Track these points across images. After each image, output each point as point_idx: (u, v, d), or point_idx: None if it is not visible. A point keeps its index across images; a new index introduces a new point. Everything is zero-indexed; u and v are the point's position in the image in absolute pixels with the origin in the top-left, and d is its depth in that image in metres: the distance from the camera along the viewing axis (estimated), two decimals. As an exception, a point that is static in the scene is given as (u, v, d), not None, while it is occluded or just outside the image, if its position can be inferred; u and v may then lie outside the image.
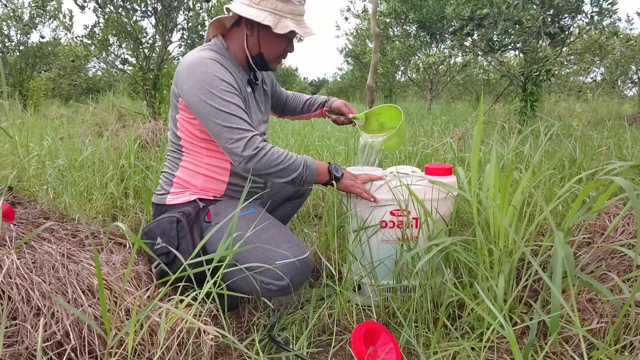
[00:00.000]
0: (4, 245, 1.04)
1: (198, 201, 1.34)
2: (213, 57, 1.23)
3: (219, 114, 1.18)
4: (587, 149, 2.21)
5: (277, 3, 1.23)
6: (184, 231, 1.26)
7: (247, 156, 1.19)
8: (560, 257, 0.90)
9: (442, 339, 1.17)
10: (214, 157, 1.33)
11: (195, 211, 1.32)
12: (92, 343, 0.90)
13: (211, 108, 1.18)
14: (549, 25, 3.91)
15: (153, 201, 1.42)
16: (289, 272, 1.16)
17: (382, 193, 1.33)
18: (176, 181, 1.37)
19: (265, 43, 1.31)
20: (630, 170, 1.02)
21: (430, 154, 2.60)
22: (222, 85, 1.20)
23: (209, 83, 1.19)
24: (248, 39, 1.31)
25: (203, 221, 1.31)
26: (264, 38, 1.30)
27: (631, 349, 0.95)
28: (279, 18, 1.24)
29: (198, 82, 1.19)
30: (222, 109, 1.18)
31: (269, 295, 1.21)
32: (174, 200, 1.35)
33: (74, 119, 4.94)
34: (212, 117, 1.19)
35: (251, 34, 1.30)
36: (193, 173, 1.34)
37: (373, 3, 1.95)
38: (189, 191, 1.36)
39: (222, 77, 1.21)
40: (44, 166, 2.18)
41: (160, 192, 1.40)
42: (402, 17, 5.76)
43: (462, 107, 7.45)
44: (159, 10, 4.51)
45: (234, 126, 1.19)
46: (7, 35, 7.27)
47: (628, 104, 9.08)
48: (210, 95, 1.18)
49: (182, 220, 1.28)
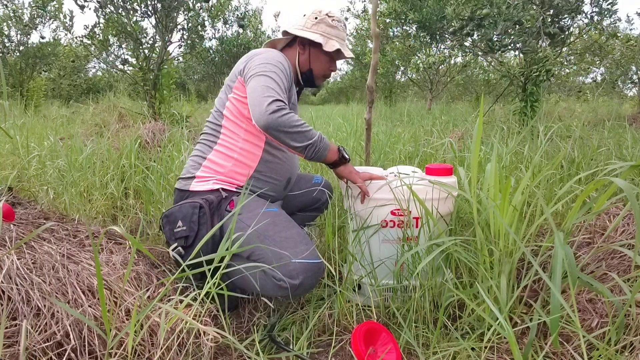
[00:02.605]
0: (4, 246, 1.04)
1: (221, 191, 1.36)
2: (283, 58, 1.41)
3: (263, 78, 1.29)
4: (586, 149, 2.21)
5: (326, 27, 1.46)
6: (205, 217, 1.29)
7: (271, 109, 1.23)
8: (560, 258, 0.90)
9: (442, 339, 1.17)
10: (249, 141, 1.39)
11: (218, 200, 1.34)
12: (92, 343, 0.90)
13: (262, 72, 1.30)
14: (549, 25, 3.91)
15: (176, 187, 1.45)
16: (302, 273, 1.17)
17: (383, 193, 1.33)
18: (205, 164, 1.41)
19: (315, 60, 1.50)
20: (630, 170, 1.02)
21: (430, 153, 2.60)
22: (279, 67, 1.34)
23: (273, 63, 1.34)
24: (300, 57, 1.50)
25: (225, 210, 1.33)
26: (314, 56, 1.50)
27: (631, 349, 0.95)
28: (327, 39, 1.45)
29: (265, 60, 1.34)
30: (270, 75, 1.30)
31: (277, 293, 1.21)
32: (198, 187, 1.38)
33: (74, 119, 4.94)
34: (258, 77, 1.29)
35: (303, 52, 1.50)
36: (225, 156, 1.40)
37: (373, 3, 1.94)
38: (213, 179, 1.38)
39: (282, 67, 1.36)
40: (45, 166, 2.18)
41: (185, 175, 1.44)
42: (402, 17, 5.76)
43: (462, 107, 7.44)
44: (159, 11, 4.51)
45: (270, 87, 1.27)
46: (7, 35, 7.27)
47: (628, 104, 9.08)
48: (267, 65, 1.32)
49: (205, 206, 1.30)
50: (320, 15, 1.48)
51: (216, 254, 1.01)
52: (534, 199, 1.19)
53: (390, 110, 7.56)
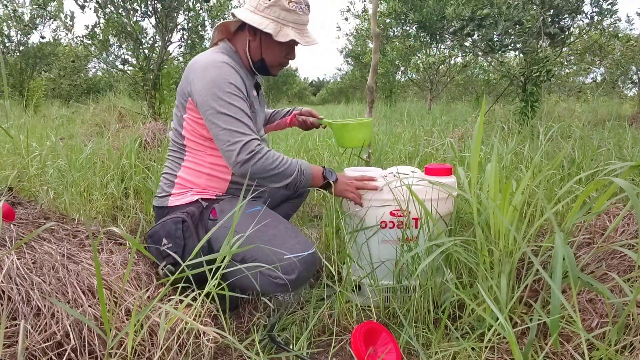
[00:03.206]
0: (4, 246, 1.04)
1: (201, 201, 1.34)
2: (226, 60, 1.27)
3: (221, 117, 1.21)
4: (586, 149, 2.21)
5: (280, 12, 1.27)
6: (189, 231, 1.27)
7: (242, 160, 1.21)
8: (560, 258, 0.90)
9: (442, 339, 1.17)
10: (217, 155, 1.34)
11: (199, 210, 1.33)
12: (92, 343, 0.90)
13: (214, 110, 1.21)
14: (549, 25, 3.91)
15: (154, 204, 1.42)
16: (297, 267, 1.18)
17: (382, 193, 1.33)
18: (178, 182, 1.37)
19: (267, 49, 1.34)
20: (631, 170, 1.02)
21: (430, 153, 2.60)
22: (229, 88, 1.23)
23: (218, 85, 1.22)
24: (250, 44, 1.34)
25: (208, 219, 1.32)
26: (266, 44, 1.33)
27: (631, 349, 0.95)
28: (281, 26, 1.28)
29: (209, 83, 1.22)
30: (225, 112, 1.21)
31: (276, 290, 1.21)
32: (176, 201, 1.35)
33: (74, 119, 4.94)
34: (215, 118, 1.22)
35: (254, 40, 1.34)
36: (196, 172, 1.35)
37: (373, 3, 1.94)
38: (191, 191, 1.36)
39: (232, 80, 1.24)
40: (45, 166, 2.18)
41: (161, 194, 1.40)
42: (402, 18, 5.76)
43: (462, 108, 7.45)
44: (159, 11, 4.51)
45: (232, 129, 1.21)
46: (7, 35, 7.27)
47: (628, 104, 9.07)
48: (216, 98, 1.22)
49: (187, 220, 1.29)
50: None
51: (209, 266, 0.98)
52: (534, 199, 1.19)
53: (390, 110, 7.56)
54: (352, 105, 10.82)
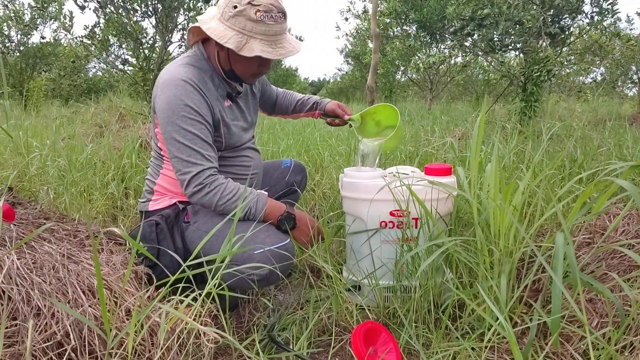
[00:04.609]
0: (4, 246, 1.04)
1: (178, 203, 1.36)
2: (186, 77, 1.19)
3: (174, 143, 1.19)
4: (587, 149, 2.21)
5: (246, 22, 1.14)
6: (163, 233, 1.28)
7: (189, 192, 1.21)
8: (561, 257, 0.90)
9: (442, 339, 1.17)
10: None
11: (175, 213, 1.34)
12: (92, 343, 0.90)
13: (169, 135, 1.19)
14: (550, 25, 3.91)
15: (139, 209, 1.45)
16: (269, 261, 1.16)
17: (382, 193, 1.33)
18: (157, 189, 1.39)
19: (235, 61, 1.25)
20: (631, 170, 1.02)
21: (431, 153, 2.60)
22: (185, 111, 1.17)
23: (174, 109, 1.17)
24: (219, 54, 1.26)
25: (183, 222, 1.32)
26: (233, 56, 1.23)
27: (631, 349, 0.95)
28: (247, 39, 1.15)
29: (165, 105, 1.18)
30: (178, 139, 1.18)
31: (250, 286, 1.20)
32: (156, 205, 1.38)
33: (74, 119, 4.94)
34: (168, 144, 1.20)
35: (221, 49, 1.24)
36: (173, 180, 1.35)
37: (373, 3, 1.94)
38: (168, 196, 1.38)
39: (189, 102, 1.17)
40: (45, 166, 2.18)
41: (143, 199, 1.43)
42: (402, 17, 5.76)
43: (462, 107, 7.45)
44: (159, 11, 4.51)
45: (183, 158, 1.18)
46: (7, 35, 7.27)
47: (628, 104, 9.08)
48: (171, 122, 1.18)
49: (161, 222, 1.29)
50: (241, 5, 1.13)
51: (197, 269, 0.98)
52: (535, 198, 1.19)
53: (390, 110, 7.53)
54: (352, 105, 10.81)
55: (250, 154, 1.46)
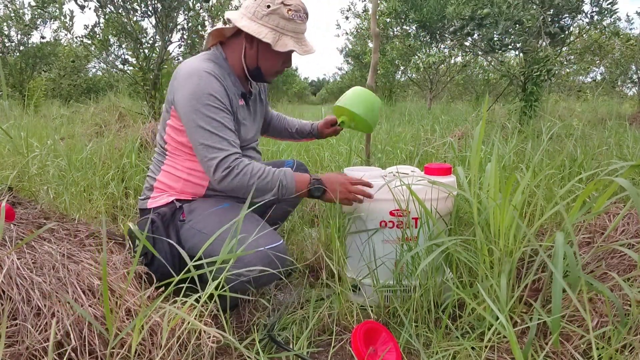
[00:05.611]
0: (4, 246, 1.04)
1: (175, 202, 1.36)
2: (209, 69, 1.24)
3: (200, 131, 1.21)
4: (587, 148, 2.21)
5: (279, 20, 1.24)
6: (158, 231, 1.27)
7: (219, 177, 1.21)
8: (561, 256, 0.90)
9: (443, 339, 1.17)
10: (194, 161, 1.34)
11: (172, 211, 1.34)
12: (92, 343, 0.90)
13: (194, 123, 1.21)
14: (549, 25, 3.91)
15: (138, 207, 1.45)
16: (260, 262, 1.15)
17: (382, 193, 1.33)
18: (157, 185, 1.39)
19: (264, 58, 1.32)
20: (631, 170, 1.02)
21: (431, 153, 2.60)
22: (209, 100, 1.21)
23: (198, 97, 1.20)
24: (247, 52, 1.32)
25: (178, 220, 1.32)
26: (263, 53, 1.31)
27: (631, 349, 0.95)
28: (280, 35, 1.25)
29: (189, 94, 1.21)
30: (204, 126, 1.20)
31: (243, 287, 1.19)
32: (154, 203, 1.38)
33: (74, 119, 4.94)
34: (194, 132, 1.22)
35: (250, 48, 1.31)
36: (173, 177, 1.36)
37: (373, 3, 1.93)
38: (167, 193, 1.38)
39: (213, 91, 1.22)
40: (45, 166, 2.18)
41: (142, 197, 1.43)
42: (402, 17, 5.76)
43: (462, 107, 7.44)
44: (159, 10, 4.51)
45: (210, 144, 1.20)
46: (7, 35, 7.27)
47: (628, 103, 9.08)
48: (196, 110, 1.20)
49: (157, 220, 1.29)
50: (275, 4, 1.23)
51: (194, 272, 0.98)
52: (534, 198, 1.19)
53: (390, 110, 7.56)
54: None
55: (252, 154, 1.48)
